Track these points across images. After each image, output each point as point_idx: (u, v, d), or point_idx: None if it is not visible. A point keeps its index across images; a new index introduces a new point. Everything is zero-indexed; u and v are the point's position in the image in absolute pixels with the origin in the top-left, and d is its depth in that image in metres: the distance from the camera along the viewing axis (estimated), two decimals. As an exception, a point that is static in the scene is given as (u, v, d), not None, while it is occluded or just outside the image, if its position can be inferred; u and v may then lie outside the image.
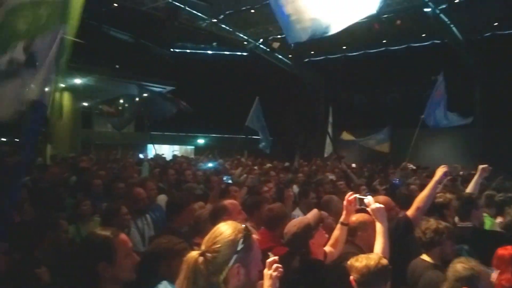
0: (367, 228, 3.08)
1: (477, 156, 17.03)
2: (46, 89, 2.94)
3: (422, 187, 6.44)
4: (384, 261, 2.43)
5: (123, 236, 2.21)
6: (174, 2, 16.63)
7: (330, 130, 15.94)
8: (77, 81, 18.02)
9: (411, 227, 3.35)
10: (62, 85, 19.19)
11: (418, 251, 3.11)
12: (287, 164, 14.12)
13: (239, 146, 14.76)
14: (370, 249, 2.85)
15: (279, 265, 1.92)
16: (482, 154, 16.88)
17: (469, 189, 4.36)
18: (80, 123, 21.42)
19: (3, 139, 21.63)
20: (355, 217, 3.15)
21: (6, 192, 2.90)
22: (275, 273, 1.89)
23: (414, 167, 11.72)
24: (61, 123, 19.88)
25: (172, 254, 2.48)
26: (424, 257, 3.04)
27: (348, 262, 2.47)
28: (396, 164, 12.12)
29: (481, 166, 4.56)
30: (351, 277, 2.41)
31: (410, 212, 3.44)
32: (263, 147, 13.79)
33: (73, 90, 18.80)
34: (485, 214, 4.72)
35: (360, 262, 2.41)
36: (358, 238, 3.09)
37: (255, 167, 11.20)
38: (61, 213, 4.80)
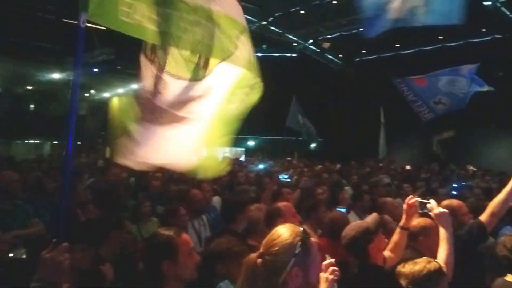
0: (430, 233, 2.97)
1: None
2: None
3: (486, 191, 6.14)
4: (433, 266, 2.32)
5: (185, 236, 2.30)
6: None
7: (382, 131, 15.47)
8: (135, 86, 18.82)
9: (485, 233, 3.17)
10: (121, 91, 20.21)
11: (497, 267, 2.83)
12: (338, 165, 13.92)
13: (289, 147, 14.77)
14: (433, 255, 2.73)
15: (336, 268, 1.90)
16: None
17: None
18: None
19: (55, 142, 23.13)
20: (417, 222, 3.04)
21: (72, 192, 3.07)
22: (331, 276, 1.86)
23: (475, 169, 11.13)
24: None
25: (231, 255, 2.54)
26: (509, 278, 2.71)
27: (397, 269, 2.40)
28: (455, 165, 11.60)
29: None
30: (402, 283, 2.33)
31: (484, 217, 3.22)
32: (312, 146, 13.57)
33: (131, 94, 19.61)
34: None
35: (406, 268, 2.34)
36: (419, 244, 2.99)
37: (306, 169, 11.13)
38: (124, 214, 5.04)
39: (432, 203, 2.87)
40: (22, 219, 3.91)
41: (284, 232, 1.74)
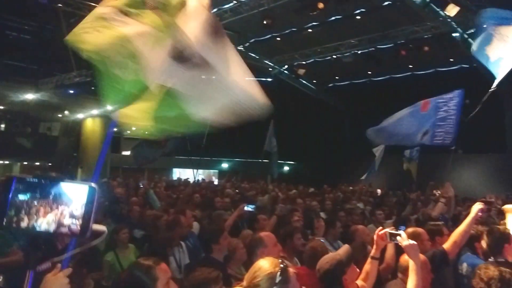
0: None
1: (508, 184, 16.71)
2: None
3: (454, 217, 6.44)
4: None
5: (163, 265, 2.47)
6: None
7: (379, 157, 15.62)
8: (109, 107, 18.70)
9: (447, 260, 3.39)
10: (95, 112, 19.99)
11: None
12: (312, 189, 14.16)
13: (262, 170, 14.91)
14: None
15: None
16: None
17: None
18: (109, 148, 22.09)
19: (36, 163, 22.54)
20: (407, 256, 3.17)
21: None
22: None
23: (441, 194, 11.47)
24: (92, 148, 20.59)
25: (210, 283, 2.66)
26: None
27: None
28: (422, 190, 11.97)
29: None
30: None
31: (447, 246, 3.48)
32: (274, 172, 13.55)
33: (104, 116, 19.46)
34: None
35: None
36: (407, 277, 3.10)
37: (280, 194, 11.27)
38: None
39: (402, 235, 3.05)
40: (1, 247, 3.88)
41: (264, 263, 1.88)
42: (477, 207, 3.76)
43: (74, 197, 1.53)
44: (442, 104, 8.46)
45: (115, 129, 2.53)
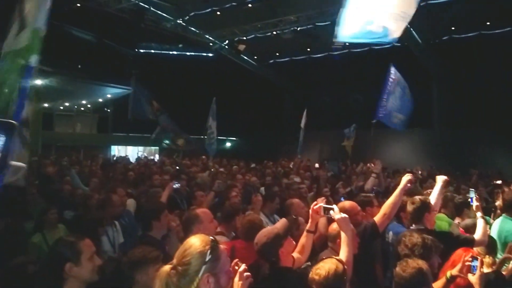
0: None
1: (434, 157, 18.01)
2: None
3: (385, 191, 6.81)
4: (340, 267, 2.55)
5: (87, 240, 2.49)
6: (139, 3, 16.41)
7: (302, 131, 16.09)
8: (38, 82, 17.48)
9: (377, 233, 3.56)
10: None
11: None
12: (253, 165, 14.33)
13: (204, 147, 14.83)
14: None
15: (249, 274, 2.13)
16: (438, 154, 17.78)
17: (432, 200, 4.33)
18: (41, 125, 20.78)
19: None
20: (336, 225, 3.30)
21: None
22: (245, 282, 2.11)
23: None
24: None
25: (148, 262, 2.62)
26: None
27: (310, 275, 2.57)
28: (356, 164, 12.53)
29: (442, 179, 4.56)
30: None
31: (377, 219, 3.59)
32: (211, 150, 13.66)
33: (34, 91, 18.17)
34: (443, 215, 5.03)
35: (317, 274, 2.52)
36: (337, 245, 3.23)
37: (222, 169, 11.30)
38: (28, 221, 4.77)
39: (334, 209, 3.17)
40: None
41: (195, 242, 1.85)
42: (405, 178, 3.85)
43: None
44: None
45: (46, 105, 2.74)
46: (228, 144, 26.89)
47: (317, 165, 14.83)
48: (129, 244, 4.27)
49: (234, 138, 27.16)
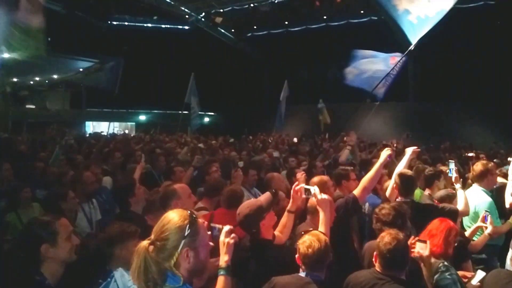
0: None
1: (409, 129, 18.36)
2: None
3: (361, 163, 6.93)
4: (327, 240, 2.71)
5: (63, 220, 2.43)
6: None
7: (282, 105, 16.03)
8: (5, 55, 16.74)
9: (358, 206, 3.62)
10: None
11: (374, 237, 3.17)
12: (231, 140, 14.28)
13: (182, 123, 14.68)
14: None
15: (235, 234, 2.24)
16: (413, 127, 18.12)
17: (401, 167, 4.49)
18: (10, 101, 20.13)
19: None
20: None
21: None
22: (231, 240, 2.23)
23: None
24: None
25: (126, 237, 2.58)
26: None
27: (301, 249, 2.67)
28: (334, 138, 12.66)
29: (411, 149, 4.72)
30: (297, 256, 2.68)
31: (357, 192, 3.62)
32: (193, 125, 13.72)
33: (1, 66, 17.46)
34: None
35: (305, 246, 2.64)
36: (316, 218, 3.28)
37: (201, 145, 11.18)
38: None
39: (315, 190, 3.19)
40: None
41: (173, 217, 1.83)
42: (385, 153, 3.86)
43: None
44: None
45: (15, 80, 2.59)
46: (206, 119, 26.68)
47: (295, 139, 14.90)
48: (107, 221, 4.22)
49: (212, 113, 26.93)
